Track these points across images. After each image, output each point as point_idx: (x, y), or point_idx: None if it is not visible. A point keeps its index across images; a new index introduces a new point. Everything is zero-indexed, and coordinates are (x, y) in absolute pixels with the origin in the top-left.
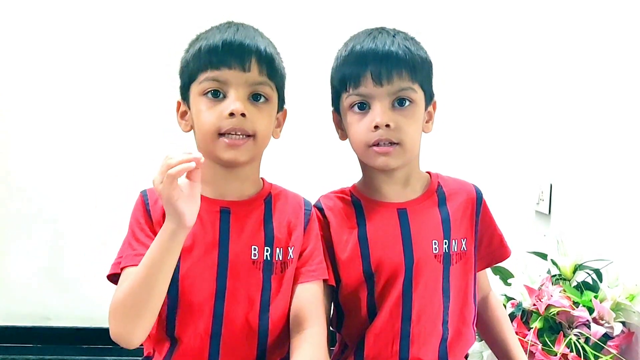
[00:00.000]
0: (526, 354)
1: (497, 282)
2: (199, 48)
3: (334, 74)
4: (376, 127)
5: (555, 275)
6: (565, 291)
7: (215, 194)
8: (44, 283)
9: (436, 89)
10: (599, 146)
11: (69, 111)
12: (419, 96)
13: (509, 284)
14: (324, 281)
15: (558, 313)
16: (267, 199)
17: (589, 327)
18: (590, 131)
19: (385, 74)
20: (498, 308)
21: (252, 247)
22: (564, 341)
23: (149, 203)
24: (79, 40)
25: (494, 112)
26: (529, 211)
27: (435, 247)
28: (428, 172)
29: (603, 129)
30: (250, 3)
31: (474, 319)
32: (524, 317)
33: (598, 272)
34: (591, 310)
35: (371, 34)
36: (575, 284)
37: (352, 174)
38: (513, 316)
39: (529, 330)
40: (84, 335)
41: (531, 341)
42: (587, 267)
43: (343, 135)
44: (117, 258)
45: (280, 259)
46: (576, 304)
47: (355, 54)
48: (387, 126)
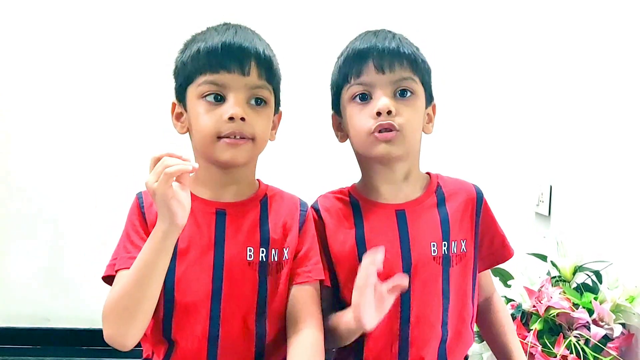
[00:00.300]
0: (526, 355)
1: (497, 284)
2: (197, 50)
3: (334, 72)
4: (378, 114)
5: (555, 277)
6: (565, 293)
7: (211, 196)
8: (44, 284)
9: (436, 89)
10: (598, 148)
11: (69, 111)
12: (420, 89)
13: (509, 286)
14: (321, 282)
15: (558, 315)
16: (263, 200)
17: (589, 329)
18: (590, 133)
19: (387, 63)
20: (501, 310)
21: (248, 248)
22: (564, 343)
23: (144, 206)
24: (79, 40)
25: (493, 114)
26: (528, 213)
27: (434, 249)
28: (428, 173)
29: (603, 130)
30: (250, 4)
31: (472, 319)
32: (523, 318)
33: (598, 274)
34: (591, 312)
35: (372, 32)
36: (575, 285)
37: (350, 176)
38: (513, 317)
39: (528, 332)
40: (84, 336)
41: (531, 343)
42: (587, 268)
43: (342, 137)
44: (112, 260)
45: (276, 259)
46: (576, 305)
47: (356, 50)
48: (389, 113)
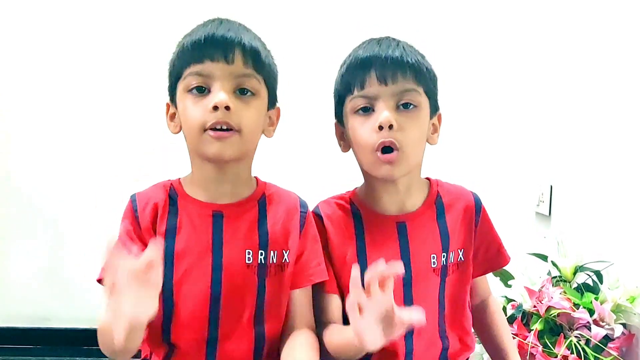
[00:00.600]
0: (527, 355)
1: (497, 284)
2: (183, 45)
3: (337, 81)
4: (380, 128)
5: (555, 277)
6: (565, 293)
7: (208, 197)
8: (44, 284)
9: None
10: (599, 147)
11: (69, 111)
12: (423, 101)
13: (509, 286)
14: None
15: (558, 315)
16: (261, 200)
17: (590, 329)
18: (591, 132)
19: (390, 74)
20: (496, 312)
21: (247, 251)
22: (565, 343)
23: (137, 209)
24: (79, 40)
25: (494, 114)
26: (529, 213)
27: (434, 261)
28: (428, 178)
29: (603, 130)
30: (250, 4)
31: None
32: (524, 318)
33: (598, 274)
34: (592, 312)
35: (375, 40)
36: (575, 285)
37: (350, 177)
38: (513, 318)
39: (529, 332)
40: (84, 336)
41: (531, 343)
42: (587, 268)
43: (345, 147)
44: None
45: (275, 261)
46: (576, 305)
47: (359, 59)
48: (391, 127)
